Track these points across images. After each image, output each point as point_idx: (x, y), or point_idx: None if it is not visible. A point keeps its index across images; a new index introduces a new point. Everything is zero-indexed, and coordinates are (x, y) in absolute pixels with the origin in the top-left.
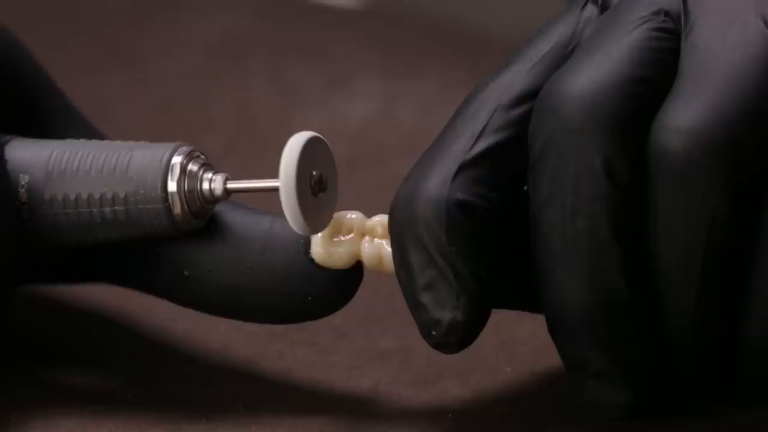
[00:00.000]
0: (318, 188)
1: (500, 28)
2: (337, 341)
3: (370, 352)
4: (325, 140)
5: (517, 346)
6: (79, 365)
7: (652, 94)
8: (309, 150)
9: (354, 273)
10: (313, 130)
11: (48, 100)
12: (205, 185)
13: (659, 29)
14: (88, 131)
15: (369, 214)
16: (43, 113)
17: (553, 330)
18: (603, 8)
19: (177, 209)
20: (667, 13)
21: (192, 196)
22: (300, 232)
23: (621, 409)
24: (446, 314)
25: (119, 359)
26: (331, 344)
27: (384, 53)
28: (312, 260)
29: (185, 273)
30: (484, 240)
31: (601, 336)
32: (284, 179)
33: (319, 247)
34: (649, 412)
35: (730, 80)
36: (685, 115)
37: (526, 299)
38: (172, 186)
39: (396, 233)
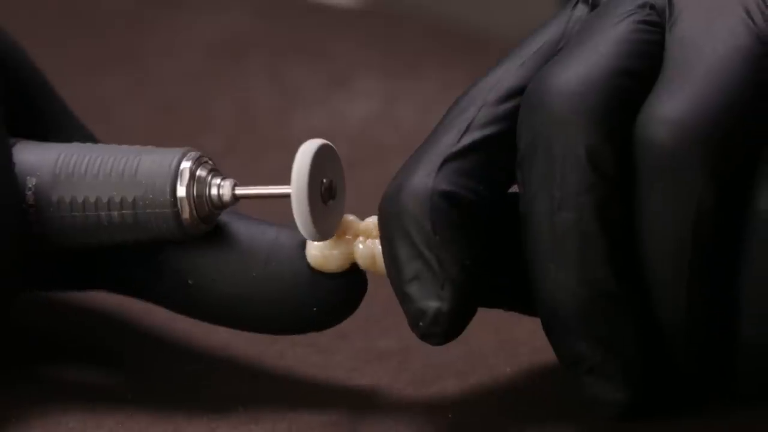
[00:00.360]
0: (328, 195)
1: (500, 28)
2: (337, 342)
3: (369, 352)
4: (334, 147)
5: (517, 346)
6: (79, 364)
7: (637, 86)
8: (320, 157)
9: (357, 281)
10: (313, 130)
11: (48, 104)
12: (214, 191)
13: (644, 22)
14: (86, 136)
15: (369, 214)
16: (44, 117)
17: (547, 327)
18: (593, 7)
19: (185, 214)
20: (652, 7)
21: (200, 201)
22: (309, 239)
23: (618, 407)
24: (431, 304)
25: (119, 358)
26: (331, 345)
27: (384, 53)
28: (308, 264)
29: (189, 281)
30: (471, 232)
31: (593, 329)
32: (296, 186)
33: (314, 250)
34: (647, 409)
35: (714, 71)
36: (670, 106)
37: (520, 299)
38: (181, 191)
39: (383, 226)
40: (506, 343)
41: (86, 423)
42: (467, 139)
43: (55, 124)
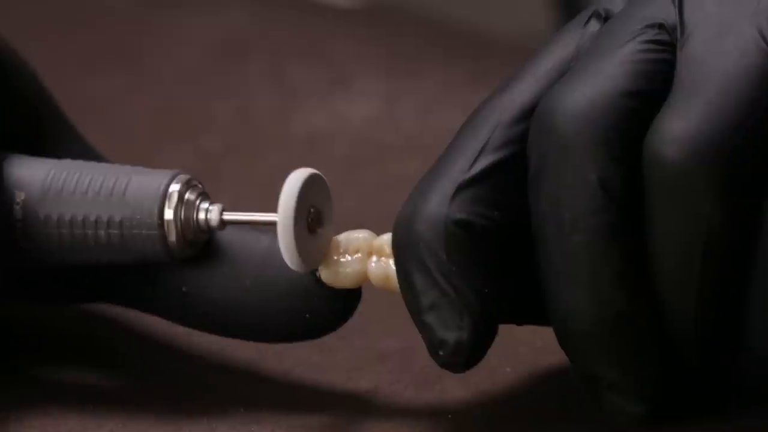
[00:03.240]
0: (315, 225)
1: (501, 28)
2: (338, 342)
3: (370, 352)
4: (323, 176)
5: (518, 346)
6: (79, 365)
7: (646, 106)
8: (308, 186)
9: (353, 291)
10: (313, 130)
11: (49, 116)
12: (201, 215)
13: (653, 41)
14: (86, 148)
15: (369, 215)
16: (46, 134)
17: (563, 345)
18: (606, 22)
19: (172, 237)
20: (661, 26)
21: (187, 224)
22: (294, 269)
23: (638, 417)
24: (451, 335)
25: (119, 359)
26: (331, 345)
27: (384, 53)
28: (320, 279)
29: (183, 289)
30: (487, 258)
31: (607, 349)
32: (282, 215)
33: (327, 267)
34: (666, 416)
35: (724, 89)
36: (679, 124)
37: (536, 314)
38: (168, 214)
39: (398, 255)
40: (507, 343)
41: (86, 423)
42: (481, 164)
43: (56, 137)
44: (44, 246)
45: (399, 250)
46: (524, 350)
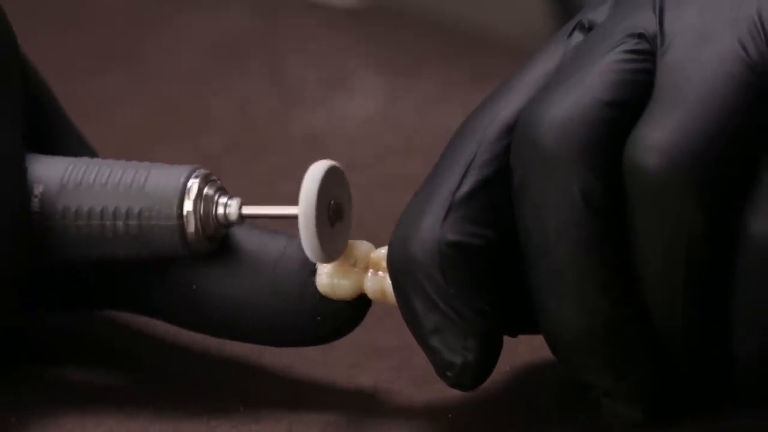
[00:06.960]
0: (335, 217)
1: (501, 28)
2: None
3: (370, 350)
4: (343, 169)
5: (517, 345)
6: (79, 364)
7: (626, 116)
8: (328, 179)
9: (362, 298)
10: (313, 130)
11: (61, 130)
12: (221, 209)
13: (633, 51)
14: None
15: (368, 214)
16: (56, 143)
17: (555, 354)
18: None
19: (191, 228)
20: (641, 35)
21: (206, 218)
22: (316, 261)
23: (635, 421)
24: (457, 357)
25: (119, 357)
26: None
27: (384, 52)
28: (316, 290)
29: (194, 287)
30: (484, 277)
31: (598, 358)
32: (304, 207)
33: (324, 278)
34: (662, 418)
35: (703, 97)
36: (658, 132)
37: (528, 325)
38: (188, 205)
39: (395, 279)
40: (506, 342)
41: (85, 422)
42: (468, 183)
43: (64, 146)
44: (61, 239)
45: (396, 275)
46: (523, 349)
